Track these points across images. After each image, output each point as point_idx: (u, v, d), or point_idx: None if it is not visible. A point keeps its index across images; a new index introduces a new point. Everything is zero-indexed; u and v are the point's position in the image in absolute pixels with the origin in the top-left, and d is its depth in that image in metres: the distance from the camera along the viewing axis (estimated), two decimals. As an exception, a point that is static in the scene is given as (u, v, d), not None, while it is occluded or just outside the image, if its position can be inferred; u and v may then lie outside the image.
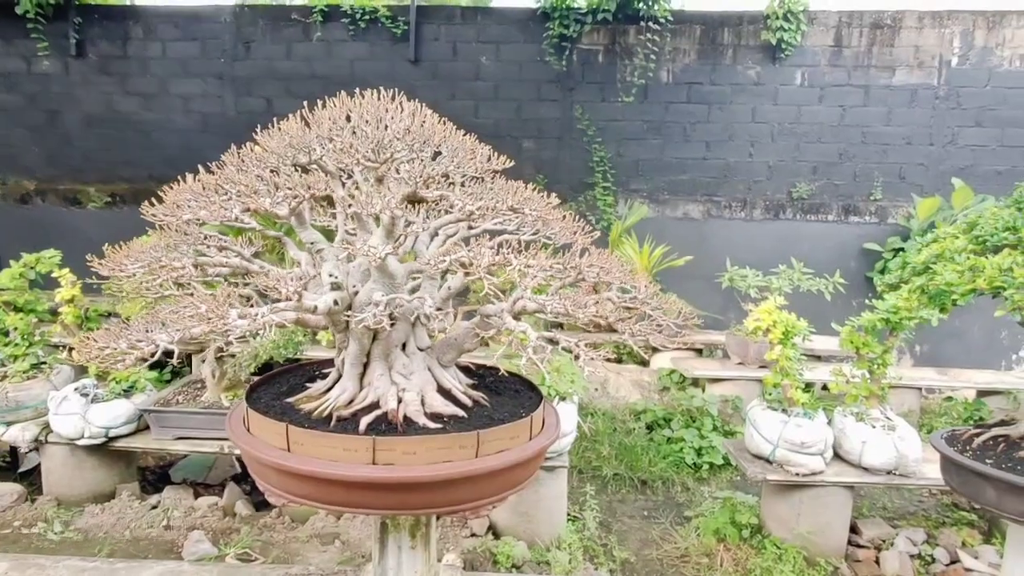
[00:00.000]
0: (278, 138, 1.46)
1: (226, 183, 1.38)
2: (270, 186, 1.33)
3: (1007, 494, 1.66)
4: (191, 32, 7.07)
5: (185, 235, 1.53)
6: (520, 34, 6.75)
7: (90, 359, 1.25)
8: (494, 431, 1.60)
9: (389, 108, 1.57)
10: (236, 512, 3.50)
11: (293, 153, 1.43)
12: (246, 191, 1.30)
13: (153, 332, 1.34)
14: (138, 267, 1.29)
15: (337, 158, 1.45)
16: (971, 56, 6.51)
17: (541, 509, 3.41)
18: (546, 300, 1.60)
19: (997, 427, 1.96)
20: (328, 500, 1.56)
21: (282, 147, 1.44)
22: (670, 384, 5.29)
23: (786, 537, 3.42)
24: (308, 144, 1.43)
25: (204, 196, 1.35)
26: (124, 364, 1.25)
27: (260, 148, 1.45)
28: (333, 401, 1.67)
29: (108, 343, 1.29)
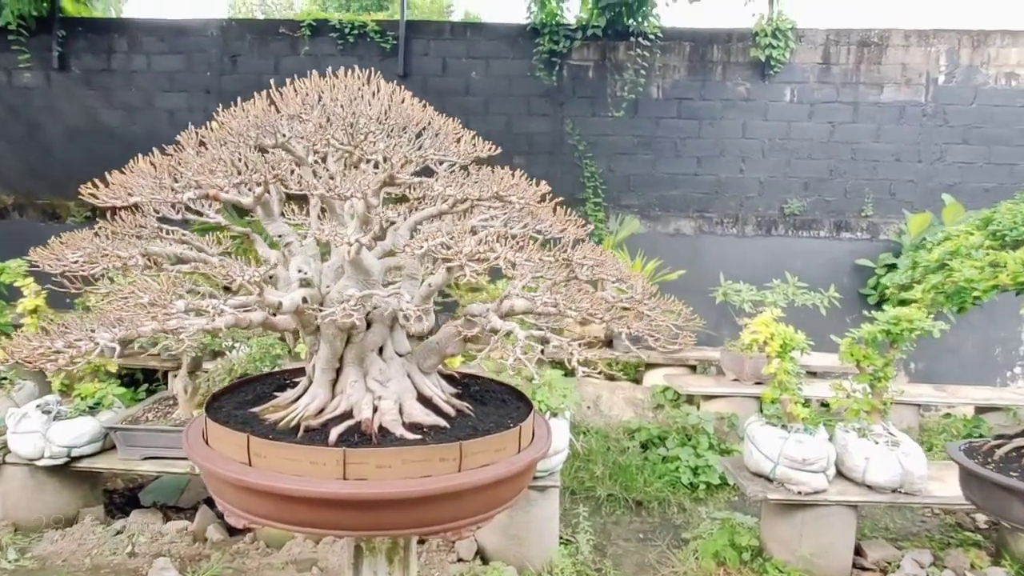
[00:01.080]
0: (241, 118, 1.34)
1: (181, 166, 1.24)
2: (230, 169, 1.19)
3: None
4: (177, 46, 6.98)
5: (140, 227, 1.40)
6: (510, 50, 6.73)
7: (18, 358, 1.10)
8: (479, 442, 1.45)
9: (364, 90, 1.44)
10: (207, 537, 3.29)
11: (257, 135, 1.31)
12: (204, 174, 1.17)
13: (96, 331, 1.19)
14: (78, 255, 1.15)
15: (307, 140, 1.33)
16: (957, 74, 6.56)
17: (532, 531, 3.23)
18: (536, 296, 1.47)
19: (1019, 437, 1.85)
20: (293, 520, 1.40)
21: (245, 127, 1.31)
22: (664, 402, 5.14)
23: (788, 560, 3.26)
24: (274, 125, 1.31)
25: (157, 179, 1.21)
26: (56, 364, 1.10)
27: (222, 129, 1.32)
28: (302, 410, 1.52)
29: (42, 342, 1.14)
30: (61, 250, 1.18)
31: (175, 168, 1.21)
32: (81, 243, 1.21)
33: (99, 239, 1.23)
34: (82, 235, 1.27)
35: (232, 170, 1.17)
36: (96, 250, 1.17)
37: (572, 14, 6.63)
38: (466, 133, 1.52)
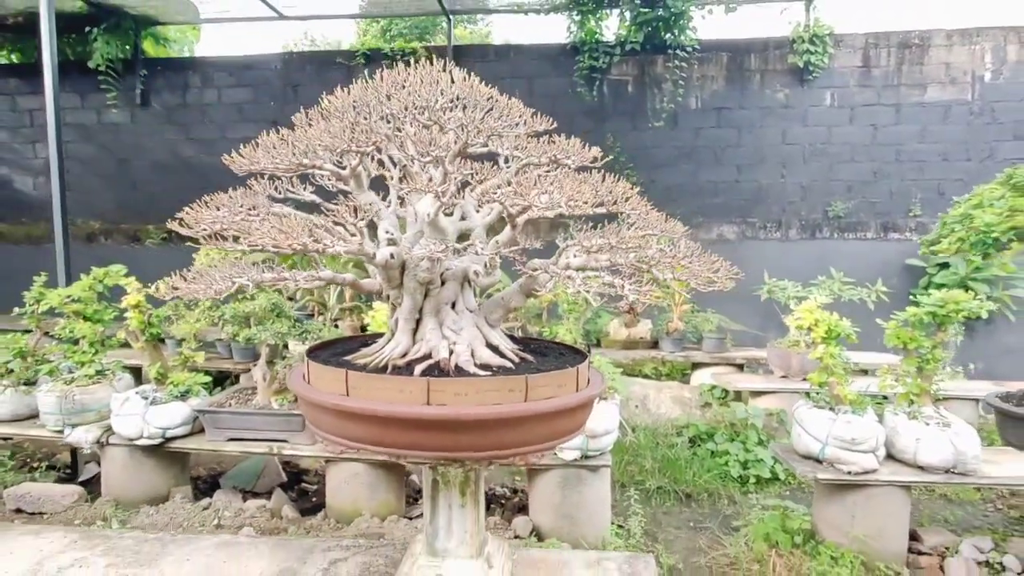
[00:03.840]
0: (341, 99, 1.61)
1: (292, 140, 1.52)
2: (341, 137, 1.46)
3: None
4: (244, 79, 7.59)
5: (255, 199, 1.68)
6: (551, 68, 7.04)
7: (180, 293, 1.37)
8: (542, 376, 1.66)
9: (440, 76, 1.71)
10: (283, 515, 3.56)
11: (353, 115, 1.58)
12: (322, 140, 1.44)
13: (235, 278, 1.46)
14: (224, 213, 1.43)
15: (396, 118, 1.59)
16: (1004, 71, 6.51)
17: (584, 511, 3.37)
18: (591, 246, 1.68)
19: (1053, 382, 1.93)
20: (384, 442, 1.63)
21: (344, 108, 1.59)
22: (712, 399, 5.21)
23: (841, 542, 3.28)
24: (367, 104, 1.58)
25: (276, 150, 1.49)
26: (206, 295, 1.37)
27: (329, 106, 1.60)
28: (388, 353, 1.76)
29: (197, 284, 1.41)
30: (204, 213, 1.47)
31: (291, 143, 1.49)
32: (222, 203, 1.49)
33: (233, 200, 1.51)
34: (220, 197, 1.56)
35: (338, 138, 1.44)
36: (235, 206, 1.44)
37: (611, 31, 6.91)
38: (526, 109, 1.76)
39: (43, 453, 4.40)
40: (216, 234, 1.58)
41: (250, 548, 2.28)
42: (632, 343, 5.75)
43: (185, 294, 1.35)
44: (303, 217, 1.60)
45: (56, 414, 3.43)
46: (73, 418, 3.47)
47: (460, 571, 1.82)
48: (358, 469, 3.36)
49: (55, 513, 3.41)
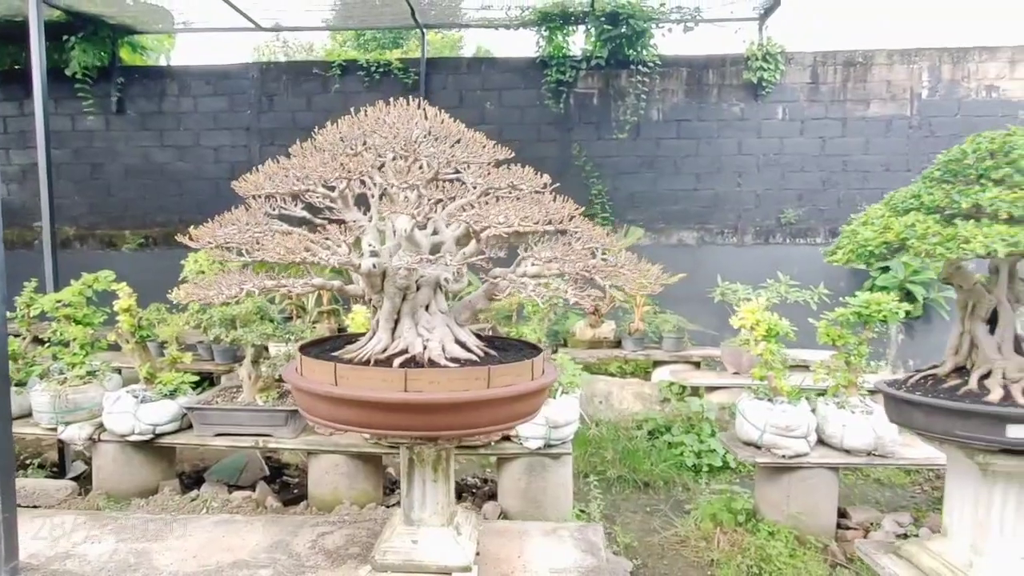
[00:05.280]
0: (331, 134, 1.90)
1: (290, 168, 1.80)
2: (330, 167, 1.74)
3: (931, 416, 1.98)
4: (221, 88, 7.75)
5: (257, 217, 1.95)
6: (521, 81, 7.37)
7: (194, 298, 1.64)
8: (503, 367, 1.96)
9: (415, 112, 2.00)
10: (267, 505, 3.79)
11: (344, 146, 1.86)
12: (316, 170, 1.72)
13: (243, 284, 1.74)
14: (233, 230, 1.70)
15: (376, 150, 1.88)
16: (940, 88, 7.04)
17: (548, 496, 3.68)
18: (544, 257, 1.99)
19: (928, 369, 2.29)
20: (369, 423, 1.91)
21: (334, 141, 1.87)
22: (670, 395, 5.57)
23: (778, 519, 3.65)
24: (353, 139, 1.86)
25: (277, 177, 1.77)
26: (216, 300, 1.65)
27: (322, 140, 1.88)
28: (371, 349, 2.05)
29: (207, 290, 1.68)
30: (214, 228, 1.74)
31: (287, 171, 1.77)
32: (230, 222, 1.76)
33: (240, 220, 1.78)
34: (228, 216, 1.83)
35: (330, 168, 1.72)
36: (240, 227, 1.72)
37: (577, 47, 7.27)
38: (488, 141, 2.07)
39: (30, 452, 4.55)
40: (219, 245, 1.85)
41: (246, 525, 2.53)
42: (597, 343, 6.09)
43: (199, 299, 1.62)
44: (300, 233, 1.88)
45: (50, 413, 3.61)
46: (66, 416, 3.66)
47: (432, 537, 2.11)
48: (338, 460, 3.62)
49: (50, 507, 3.59)
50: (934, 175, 2.07)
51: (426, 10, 7.26)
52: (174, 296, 1.68)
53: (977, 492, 2.04)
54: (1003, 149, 1.92)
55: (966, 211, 1.85)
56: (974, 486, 2.04)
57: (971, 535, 2.07)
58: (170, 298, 1.72)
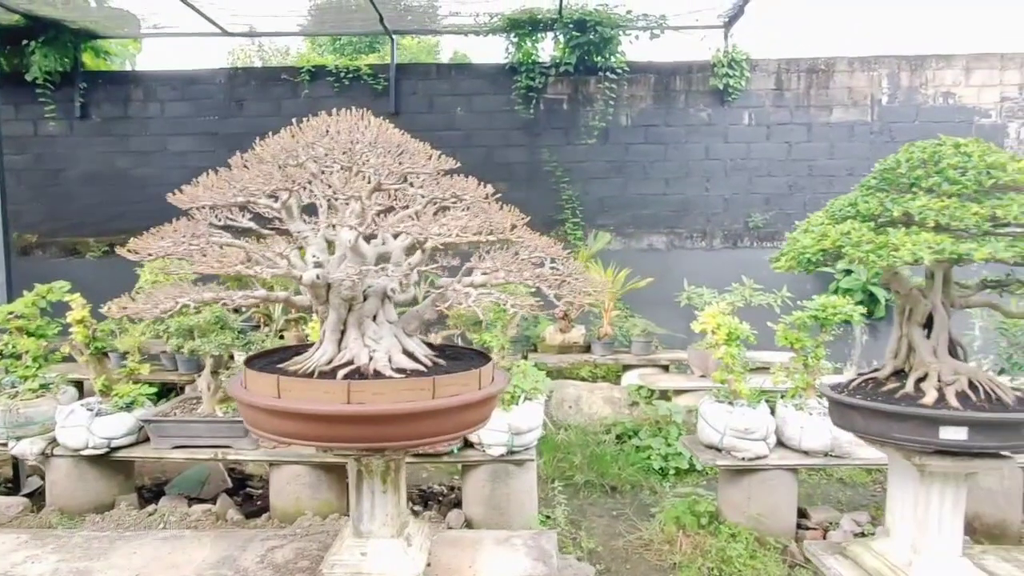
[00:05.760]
0: (272, 145, 1.89)
1: (231, 180, 1.79)
2: (267, 180, 1.73)
3: (870, 419, 2.03)
4: (187, 94, 7.65)
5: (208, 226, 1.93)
6: (490, 87, 7.39)
7: (130, 312, 1.61)
8: (448, 377, 1.97)
9: (359, 123, 2.00)
10: (228, 518, 3.74)
11: (283, 158, 1.85)
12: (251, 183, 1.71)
13: (179, 297, 1.71)
14: (168, 243, 1.68)
15: (319, 161, 1.87)
16: (899, 95, 7.22)
17: (512, 503, 3.68)
18: (490, 271, 2.00)
19: (870, 372, 2.35)
20: (311, 436, 1.90)
21: (276, 153, 1.86)
22: (639, 399, 5.62)
23: (740, 521, 3.70)
24: (295, 150, 1.85)
25: (216, 189, 1.75)
26: (151, 315, 1.62)
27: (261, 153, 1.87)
28: (316, 360, 2.04)
29: (145, 303, 1.66)
30: (152, 240, 1.71)
31: (228, 182, 1.75)
32: (167, 234, 1.74)
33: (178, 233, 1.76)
34: (168, 228, 1.81)
35: (267, 180, 1.71)
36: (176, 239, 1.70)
37: (546, 53, 7.31)
38: (434, 152, 2.07)
39: (-18, 468, 4.43)
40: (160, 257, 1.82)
41: (193, 540, 2.49)
42: (566, 347, 6.12)
43: (133, 313, 1.59)
44: (239, 245, 1.86)
45: (1, 427, 3.52)
46: (17, 431, 3.57)
47: (381, 549, 2.10)
48: (300, 471, 3.58)
49: (1, 524, 3.50)
50: (870, 183, 2.12)
51: (402, 16, 7.26)
52: (106, 310, 1.65)
53: (916, 492, 2.09)
54: (933, 159, 1.98)
55: (898, 219, 1.90)
56: (913, 486, 2.09)
57: (911, 534, 2.11)
58: (101, 311, 1.69)
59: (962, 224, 1.78)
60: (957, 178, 1.88)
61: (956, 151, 1.95)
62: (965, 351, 2.16)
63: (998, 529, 3.61)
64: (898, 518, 2.20)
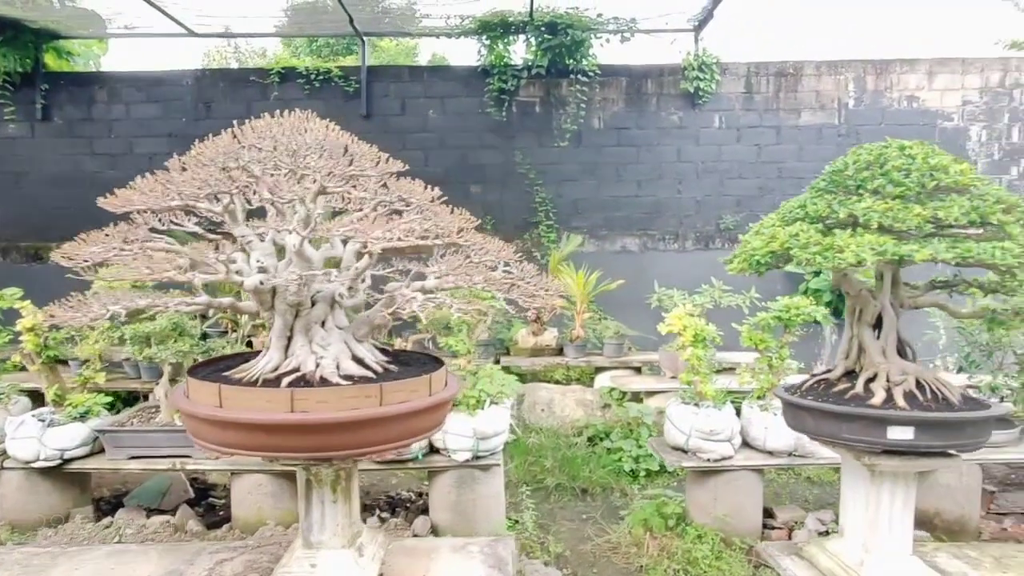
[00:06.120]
0: (213, 147, 1.84)
1: (167, 183, 1.74)
2: (204, 184, 1.69)
3: (820, 420, 2.04)
4: (154, 95, 7.50)
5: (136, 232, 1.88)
6: (463, 89, 7.36)
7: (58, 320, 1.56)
8: (396, 384, 1.93)
9: (305, 125, 1.96)
10: (188, 529, 3.65)
11: (223, 160, 1.81)
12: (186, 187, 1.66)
13: (109, 305, 1.66)
14: (98, 249, 1.62)
15: (262, 163, 1.83)
16: (865, 98, 7.34)
17: (478, 508, 3.64)
18: (441, 272, 1.97)
19: (823, 373, 2.36)
20: (255, 446, 1.85)
21: (215, 155, 1.81)
22: (611, 401, 5.62)
23: (707, 522, 3.70)
24: (236, 152, 1.81)
25: (151, 192, 1.70)
26: (81, 322, 1.57)
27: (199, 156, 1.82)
28: (261, 368, 1.99)
29: (75, 312, 1.60)
30: (82, 245, 1.66)
31: (165, 184, 1.70)
32: (98, 239, 1.68)
33: (110, 237, 1.70)
34: (97, 234, 1.75)
35: (205, 185, 1.67)
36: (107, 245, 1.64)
37: (519, 56, 7.30)
38: (381, 155, 2.04)
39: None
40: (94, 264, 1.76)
41: (139, 555, 2.42)
42: (539, 350, 6.10)
43: (60, 321, 1.54)
44: (176, 250, 1.81)
45: (-54, 440, 3.40)
46: (-35, 444, 3.45)
47: (332, 560, 2.06)
48: (261, 480, 3.51)
49: (-55, 540, 3.38)
50: (820, 185, 2.14)
51: (375, 18, 7.20)
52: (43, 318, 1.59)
53: (867, 492, 2.10)
54: (879, 161, 2.00)
55: (844, 221, 1.91)
56: (864, 486, 2.10)
57: (863, 534, 2.13)
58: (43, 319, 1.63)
59: (904, 225, 1.80)
60: (901, 180, 1.89)
61: (901, 153, 1.97)
62: (914, 351, 2.18)
63: (957, 525, 3.67)
64: (850, 518, 2.21)
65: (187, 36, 7.47)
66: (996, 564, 2.38)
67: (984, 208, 1.80)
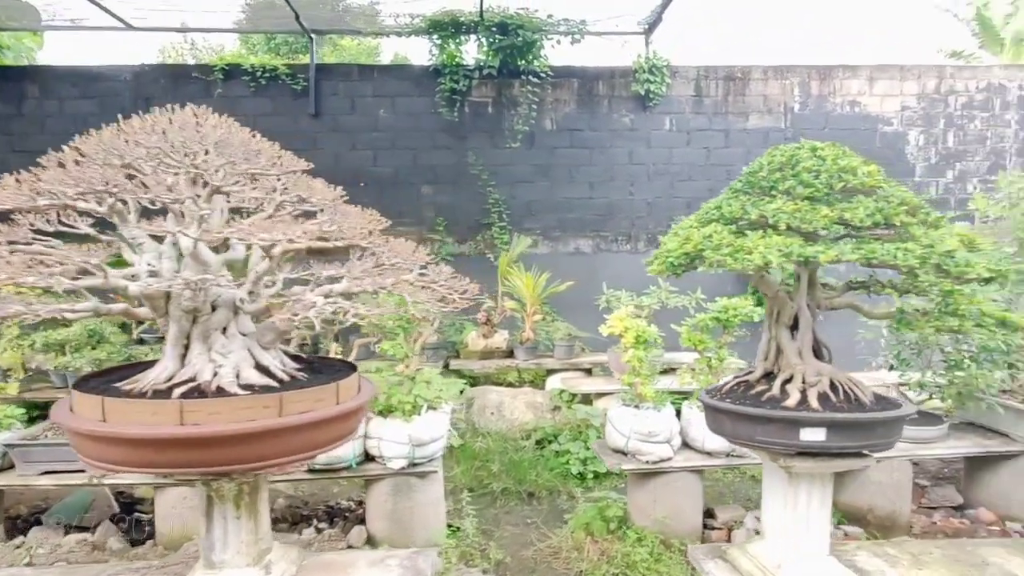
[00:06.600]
0: (93, 143, 1.72)
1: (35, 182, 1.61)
2: (80, 182, 1.57)
3: (737, 423, 2.03)
4: (91, 91, 7.19)
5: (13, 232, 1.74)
6: (415, 89, 7.26)
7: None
8: (298, 393, 1.84)
9: (201, 121, 1.85)
10: (108, 547, 3.47)
11: (104, 156, 1.69)
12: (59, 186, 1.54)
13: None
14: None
15: (150, 160, 1.72)
16: (809, 103, 7.50)
17: (416, 516, 3.55)
18: (346, 277, 1.88)
19: (744, 375, 2.36)
20: (141, 462, 1.74)
21: (98, 151, 1.70)
22: (560, 403, 5.59)
23: (647, 524, 3.69)
24: (120, 148, 1.69)
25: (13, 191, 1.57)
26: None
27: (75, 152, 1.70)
28: (154, 378, 1.87)
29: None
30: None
31: (32, 184, 1.58)
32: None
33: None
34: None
35: (82, 183, 1.55)
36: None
37: (471, 56, 7.24)
38: (284, 152, 1.94)
39: None
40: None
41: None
42: (489, 353, 6.04)
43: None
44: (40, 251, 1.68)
45: None
46: None
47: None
48: (186, 493, 3.35)
49: None
50: (736, 186, 2.13)
51: (336, 17, 7.04)
52: None
53: (786, 493, 2.10)
54: (791, 162, 2.00)
55: (756, 222, 1.90)
56: (783, 488, 2.10)
57: (782, 535, 2.12)
58: None
59: (811, 227, 1.80)
60: (811, 181, 1.90)
61: (812, 155, 1.98)
62: (830, 352, 2.19)
63: (889, 520, 3.74)
64: (770, 519, 2.21)
65: (123, 29, 7.18)
66: (913, 561, 2.41)
67: (888, 210, 1.81)
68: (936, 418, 3.93)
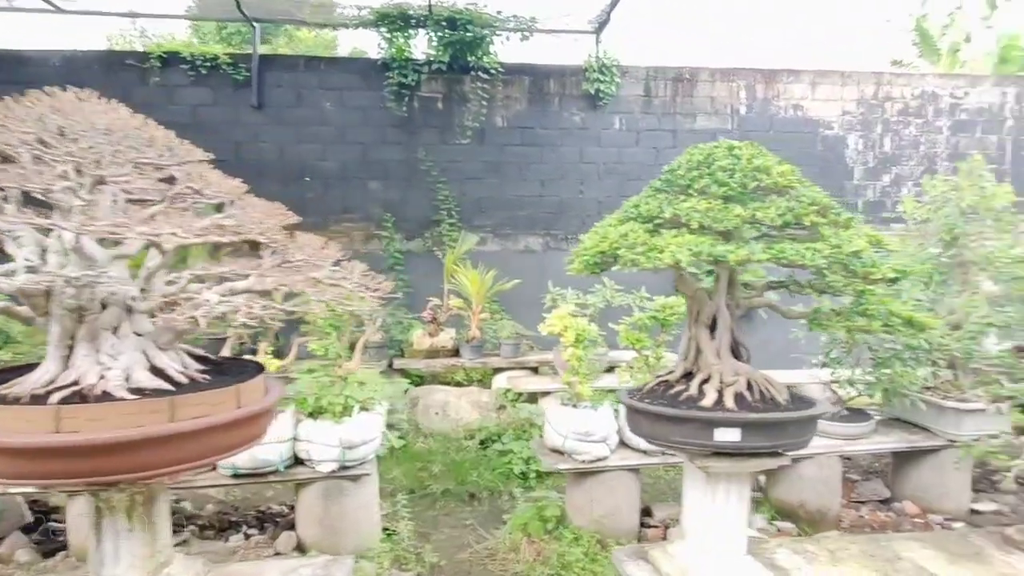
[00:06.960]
0: (-46, 128, 1.58)
1: None
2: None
3: (654, 423, 2.02)
4: (13, 76, 6.76)
5: None
6: (362, 82, 7.10)
7: None
8: (191, 397, 1.73)
9: (85, 107, 1.72)
10: (15, 559, 3.26)
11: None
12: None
13: None
14: None
15: (23, 146, 1.59)
16: (755, 106, 7.65)
17: (347, 521, 3.46)
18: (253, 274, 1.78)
19: (665, 375, 2.36)
20: (13, 473, 1.61)
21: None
22: (505, 402, 5.55)
23: (584, 524, 3.68)
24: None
25: None
26: None
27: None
28: (33, 382, 1.73)
29: None
30: None
31: None
32: None
33: None
34: None
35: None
36: None
37: (420, 50, 7.12)
38: (182, 143, 1.83)
39: None
40: None
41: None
42: (434, 352, 5.96)
43: None
44: None
45: None
46: None
47: (126, 596, 1.83)
48: (99, 501, 3.17)
49: None
50: (656, 185, 2.12)
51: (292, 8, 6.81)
52: None
53: (704, 493, 2.10)
54: (707, 161, 1.99)
55: (671, 220, 1.89)
56: (702, 487, 2.10)
57: (702, 535, 2.13)
58: None
59: (723, 226, 1.80)
60: (725, 180, 1.90)
61: (728, 153, 1.98)
62: (748, 352, 2.21)
63: (819, 515, 3.83)
64: (691, 519, 2.21)
65: (53, 12, 6.80)
66: (831, 557, 2.46)
67: (799, 209, 1.83)
68: (865, 415, 4.04)
